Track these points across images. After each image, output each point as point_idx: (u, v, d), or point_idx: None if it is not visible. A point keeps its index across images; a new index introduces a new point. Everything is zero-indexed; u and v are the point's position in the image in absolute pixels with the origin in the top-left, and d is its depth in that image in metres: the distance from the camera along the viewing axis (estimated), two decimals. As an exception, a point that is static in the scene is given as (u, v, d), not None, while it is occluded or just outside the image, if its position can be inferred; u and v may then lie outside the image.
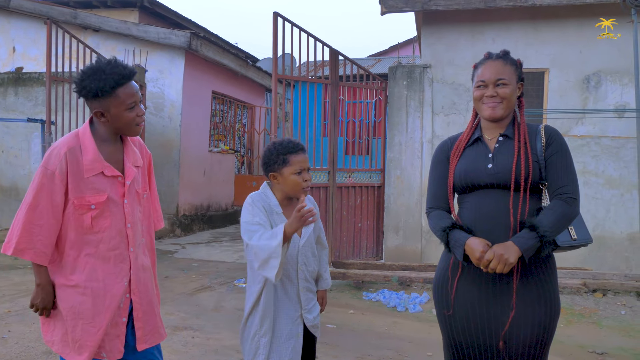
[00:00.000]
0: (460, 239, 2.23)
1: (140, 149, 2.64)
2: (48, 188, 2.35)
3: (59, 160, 2.35)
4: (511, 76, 2.32)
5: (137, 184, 2.55)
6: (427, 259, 7.26)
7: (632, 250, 6.58)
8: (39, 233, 2.35)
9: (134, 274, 2.50)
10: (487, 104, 2.33)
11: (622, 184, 6.67)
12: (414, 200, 7.33)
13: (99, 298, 2.41)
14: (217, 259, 8.57)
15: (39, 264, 2.39)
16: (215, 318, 5.39)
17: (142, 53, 10.03)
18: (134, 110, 2.41)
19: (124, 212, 2.47)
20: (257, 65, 13.99)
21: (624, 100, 6.67)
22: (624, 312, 5.64)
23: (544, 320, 2.23)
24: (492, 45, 7.06)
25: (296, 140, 2.66)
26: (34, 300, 2.43)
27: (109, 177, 2.43)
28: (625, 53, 6.56)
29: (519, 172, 2.23)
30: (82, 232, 2.40)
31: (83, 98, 2.42)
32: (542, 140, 2.29)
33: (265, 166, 2.66)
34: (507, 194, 2.25)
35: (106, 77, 2.33)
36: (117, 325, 2.46)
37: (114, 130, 2.45)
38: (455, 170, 2.36)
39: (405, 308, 5.99)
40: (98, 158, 2.40)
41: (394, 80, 7.43)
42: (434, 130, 7.29)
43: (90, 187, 2.38)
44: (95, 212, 2.39)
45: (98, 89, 2.33)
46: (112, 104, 2.36)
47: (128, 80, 2.38)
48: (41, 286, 2.41)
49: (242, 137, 14.07)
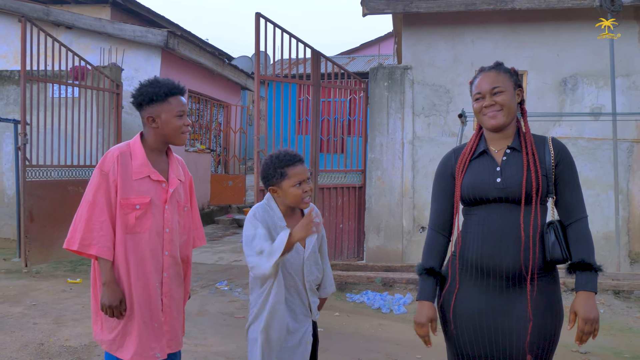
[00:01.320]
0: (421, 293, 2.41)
1: (183, 169, 2.85)
2: (104, 187, 2.57)
3: (113, 162, 2.59)
4: (506, 83, 2.33)
5: (178, 194, 2.75)
6: (408, 259, 7.32)
7: (607, 249, 6.73)
8: (100, 229, 2.55)
9: (166, 278, 2.68)
10: (487, 114, 2.33)
11: (598, 184, 6.82)
12: (395, 201, 7.37)
13: (141, 295, 2.60)
14: (196, 260, 8.48)
15: (105, 258, 2.56)
16: (200, 323, 5.34)
17: (117, 51, 9.85)
18: (182, 119, 2.65)
19: (164, 216, 2.67)
20: (232, 63, 13.88)
21: (599, 102, 6.81)
22: (603, 310, 5.77)
23: (552, 329, 2.26)
24: (472, 48, 7.14)
25: (293, 152, 2.66)
26: (102, 299, 2.57)
27: (154, 182, 2.65)
28: (601, 56, 6.70)
29: (530, 187, 2.24)
30: (126, 231, 2.59)
31: (137, 107, 2.66)
32: (551, 153, 2.31)
33: (264, 180, 2.65)
34: (515, 208, 2.26)
35: (161, 85, 2.62)
36: (162, 326, 2.66)
37: (162, 139, 2.67)
38: (462, 185, 2.36)
39: (390, 309, 6.03)
40: (146, 163, 2.64)
41: (374, 82, 7.45)
42: (415, 132, 7.34)
43: (136, 189, 2.60)
44: (139, 212, 2.59)
45: (154, 94, 2.60)
46: (163, 110, 2.62)
47: (180, 92, 2.67)
48: (107, 284, 2.56)
49: (218, 136, 13.96)
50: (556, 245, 2.24)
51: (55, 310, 5.61)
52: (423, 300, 2.40)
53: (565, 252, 2.25)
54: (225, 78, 13.07)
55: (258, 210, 2.62)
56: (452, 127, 7.16)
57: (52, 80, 7.98)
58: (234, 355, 4.47)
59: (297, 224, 2.66)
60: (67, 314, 5.46)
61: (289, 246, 2.43)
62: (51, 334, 4.89)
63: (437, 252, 2.45)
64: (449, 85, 7.23)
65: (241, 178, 13.63)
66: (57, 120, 7.92)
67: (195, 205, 2.93)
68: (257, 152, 6.64)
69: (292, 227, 2.61)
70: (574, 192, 2.31)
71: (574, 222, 2.29)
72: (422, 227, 7.28)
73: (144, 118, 2.65)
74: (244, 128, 14.33)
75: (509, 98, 2.32)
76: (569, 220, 2.30)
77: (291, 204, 2.63)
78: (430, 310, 2.38)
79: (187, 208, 2.82)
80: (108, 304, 2.55)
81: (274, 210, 2.63)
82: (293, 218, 2.67)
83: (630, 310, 5.77)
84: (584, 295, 2.21)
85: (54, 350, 4.53)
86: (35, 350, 4.52)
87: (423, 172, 7.30)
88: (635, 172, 6.78)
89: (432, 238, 2.48)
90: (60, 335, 4.86)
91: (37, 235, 7.35)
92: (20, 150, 7.24)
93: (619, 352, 4.76)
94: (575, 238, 2.27)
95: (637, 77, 6.75)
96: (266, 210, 2.63)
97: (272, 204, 2.65)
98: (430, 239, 2.48)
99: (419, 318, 2.38)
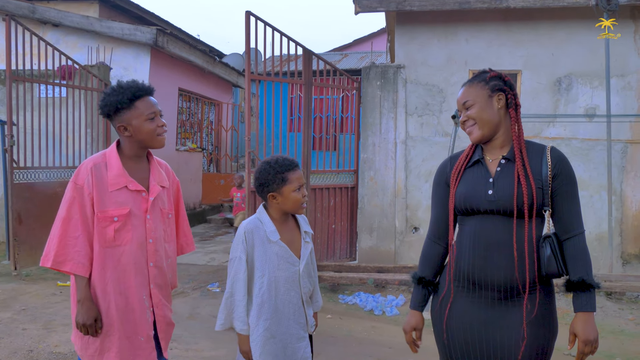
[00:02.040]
0: (411, 302, 2.44)
1: (167, 173, 2.74)
2: (79, 201, 2.47)
3: (87, 174, 2.49)
4: (476, 95, 2.27)
5: (161, 202, 2.64)
6: (401, 259, 7.27)
7: (600, 250, 6.71)
8: (74, 245, 2.46)
9: (153, 289, 2.59)
10: (467, 129, 2.32)
11: (592, 185, 6.79)
12: (388, 201, 7.32)
13: (121, 310, 2.51)
14: (187, 261, 8.40)
15: (80, 274, 2.47)
16: (192, 327, 5.27)
17: (105, 50, 9.72)
18: (154, 121, 2.53)
19: (146, 227, 2.56)
20: (223, 61, 13.77)
21: (594, 103, 6.78)
22: (595, 312, 5.74)
23: (545, 343, 2.23)
24: (466, 46, 7.08)
25: (290, 158, 2.62)
26: (77, 317, 2.48)
27: (133, 192, 2.54)
28: (596, 56, 6.66)
29: (521, 200, 2.18)
30: (106, 245, 2.50)
31: (107, 118, 2.56)
32: (549, 164, 2.24)
33: (262, 187, 2.58)
34: (508, 220, 2.21)
35: (125, 91, 2.50)
36: (150, 340, 2.58)
37: (138, 145, 2.56)
38: (456, 194, 2.31)
39: (382, 311, 5.99)
40: (122, 173, 2.53)
41: (367, 81, 7.38)
42: (408, 131, 7.28)
43: (114, 201, 2.50)
44: (117, 224, 2.49)
45: (118, 102, 2.48)
46: (132, 116, 2.50)
47: (145, 93, 2.54)
48: (81, 302, 2.47)
49: (210, 135, 13.85)
50: (552, 260, 2.20)
51: (45, 315, 5.53)
52: (411, 309, 2.44)
53: (561, 266, 2.20)
54: (216, 76, 12.96)
55: (248, 228, 2.57)
56: (446, 127, 7.11)
57: (39, 80, 7.86)
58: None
59: (291, 234, 2.61)
60: (56, 319, 5.38)
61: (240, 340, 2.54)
62: (40, 340, 4.81)
63: (431, 262, 2.44)
64: (443, 85, 7.17)
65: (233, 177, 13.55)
66: (44, 121, 7.80)
67: (182, 211, 2.84)
68: (248, 152, 6.57)
69: (286, 236, 2.60)
70: (572, 206, 2.25)
71: (571, 237, 2.24)
72: (415, 227, 7.24)
73: (115, 128, 2.56)
74: (235, 126, 14.22)
75: (479, 110, 2.26)
76: (566, 236, 2.24)
77: (290, 209, 2.59)
78: (416, 319, 2.42)
79: (171, 215, 2.72)
80: (82, 322, 2.46)
81: (265, 225, 2.57)
82: (287, 227, 2.63)
83: (622, 312, 5.74)
84: (584, 317, 2.17)
85: (42, 357, 4.46)
86: (24, 357, 4.45)
87: (416, 173, 7.24)
88: (628, 173, 6.76)
89: (428, 247, 2.46)
90: (49, 341, 4.78)
91: (26, 237, 7.24)
92: (7, 152, 7.12)
93: (611, 355, 4.73)
94: (573, 255, 2.22)
95: (632, 78, 6.72)
96: (257, 227, 2.57)
97: (264, 218, 2.59)
98: (426, 248, 2.47)
99: (405, 326, 2.44)
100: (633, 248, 6.78)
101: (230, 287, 2.54)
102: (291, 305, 2.57)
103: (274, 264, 2.53)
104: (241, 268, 2.51)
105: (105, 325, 2.50)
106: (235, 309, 2.52)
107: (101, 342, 2.51)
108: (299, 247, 2.63)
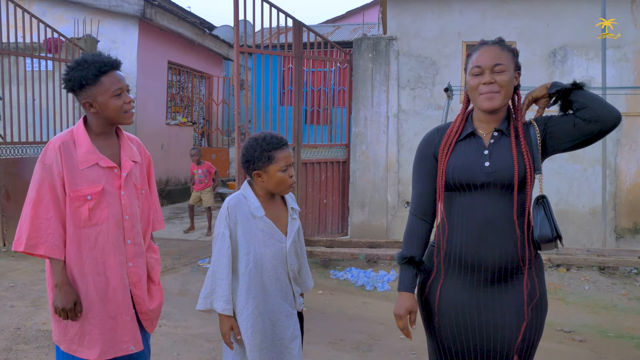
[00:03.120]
0: (400, 284, 2.26)
1: (138, 148, 2.63)
2: (49, 182, 2.37)
3: (55, 153, 2.38)
4: (509, 62, 2.12)
5: (135, 177, 2.54)
6: (393, 234, 7.22)
7: (593, 224, 6.68)
8: (47, 227, 2.36)
9: (132, 267, 2.50)
10: (484, 94, 2.12)
11: (586, 159, 6.72)
12: (380, 176, 7.24)
13: (102, 291, 2.42)
14: (178, 237, 8.35)
15: (54, 257, 2.38)
16: (181, 303, 5.22)
17: (92, 22, 9.51)
18: (120, 97, 2.41)
19: (121, 203, 2.46)
20: (213, 33, 13.54)
21: (589, 75, 6.67)
22: (588, 287, 5.73)
23: (539, 322, 2.16)
24: (459, 18, 6.95)
25: (279, 135, 2.50)
26: (55, 302, 2.39)
27: (105, 169, 2.44)
28: (592, 26, 6.51)
29: (522, 171, 2.09)
30: (81, 226, 2.40)
31: (72, 92, 2.44)
32: (536, 130, 2.15)
33: (248, 164, 2.48)
34: (503, 195, 2.11)
35: (89, 65, 2.36)
36: (133, 319, 2.50)
37: (105, 121, 2.45)
38: (446, 168, 2.18)
39: (374, 287, 5.96)
40: (92, 150, 2.42)
41: (359, 53, 7.24)
42: (400, 105, 7.17)
43: (85, 179, 2.40)
44: (91, 203, 2.39)
45: (82, 77, 2.36)
46: (98, 93, 2.38)
47: (111, 68, 2.41)
48: (58, 286, 2.38)
49: (200, 109, 13.69)
50: (545, 222, 2.10)
51: (33, 292, 5.48)
52: (402, 291, 2.24)
53: (555, 229, 2.10)
54: (206, 48, 12.75)
55: (231, 203, 2.48)
56: (438, 100, 7.00)
57: (25, 54, 7.71)
58: (215, 338, 4.36)
59: (277, 211, 2.53)
60: (44, 296, 5.32)
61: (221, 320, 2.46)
62: (28, 318, 4.77)
63: (417, 240, 2.27)
64: (435, 57, 7.05)
65: (224, 151, 13.42)
66: (31, 95, 7.66)
67: (153, 187, 2.75)
68: (238, 126, 6.46)
69: (271, 212, 2.51)
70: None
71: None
72: (407, 202, 7.17)
73: (80, 104, 2.43)
74: (226, 100, 14.04)
75: (509, 79, 2.11)
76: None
77: (274, 189, 2.49)
78: (409, 301, 2.22)
79: (145, 190, 2.62)
80: (61, 306, 2.37)
81: (249, 201, 2.48)
82: (273, 204, 2.54)
83: (615, 287, 5.73)
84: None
85: (30, 334, 4.42)
86: (11, 335, 4.40)
87: (408, 147, 7.15)
88: (623, 147, 6.69)
89: (412, 224, 2.30)
90: (37, 319, 4.73)
91: (14, 213, 7.14)
92: (-6, 126, 6.99)
93: (603, 330, 4.72)
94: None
95: (628, 49, 6.61)
96: (240, 202, 2.48)
97: (249, 193, 2.50)
98: (411, 226, 2.30)
99: (397, 310, 2.22)
100: (627, 222, 6.74)
101: (212, 264, 2.46)
102: (278, 283, 2.50)
103: (260, 240, 2.45)
104: (224, 244, 2.43)
105: (84, 308, 2.41)
106: (217, 287, 2.43)
107: (81, 326, 2.42)
108: (285, 223, 2.54)
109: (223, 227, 2.44)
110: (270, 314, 2.48)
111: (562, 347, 4.26)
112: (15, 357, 3.99)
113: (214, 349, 4.18)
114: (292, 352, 2.51)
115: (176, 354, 4.10)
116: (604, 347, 4.37)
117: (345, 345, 4.35)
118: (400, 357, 4.13)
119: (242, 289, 2.44)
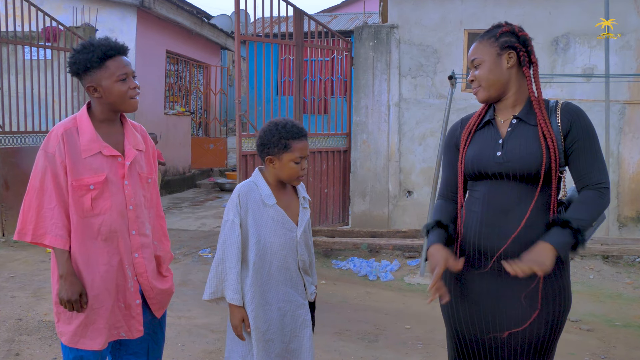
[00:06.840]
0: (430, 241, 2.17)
1: (143, 137, 2.56)
2: (51, 170, 2.33)
3: (57, 141, 2.33)
4: (485, 52, 2.10)
5: (139, 166, 2.48)
6: (394, 224, 7.20)
7: (596, 212, 6.66)
8: (52, 216, 2.32)
9: (138, 258, 2.45)
10: (472, 90, 2.18)
11: (588, 146, 6.69)
12: (381, 165, 7.21)
13: (106, 281, 2.38)
14: (178, 227, 8.31)
15: (59, 247, 2.33)
16: (183, 294, 5.19)
17: (91, 11, 9.44)
18: (125, 82, 2.35)
19: (125, 193, 2.40)
20: (212, 22, 13.45)
21: (592, 63, 6.64)
22: (592, 276, 5.72)
23: (557, 317, 2.10)
24: (461, 6, 6.90)
25: (299, 124, 2.45)
26: (60, 293, 2.34)
27: (108, 157, 2.38)
28: (594, 14, 6.47)
29: (537, 162, 2.03)
30: (83, 215, 2.35)
31: (76, 77, 2.39)
32: (558, 121, 2.07)
33: (263, 147, 2.43)
34: (517, 185, 2.07)
35: (95, 49, 2.32)
36: (131, 308, 2.44)
37: (109, 108, 2.40)
38: (465, 157, 2.17)
39: (377, 276, 5.94)
40: (95, 138, 2.36)
41: (359, 41, 7.19)
42: (401, 93, 7.13)
43: (88, 168, 2.34)
44: (94, 192, 2.34)
45: (87, 60, 2.31)
46: (102, 77, 2.33)
47: (117, 53, 2.36)
48: (64, 277, 2.33)
49: (198, 98, 13.62)
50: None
51: (34, 282, 5.45)
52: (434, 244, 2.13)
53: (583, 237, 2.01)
54: (204, 38, 12.67)
55: (242, 190, 2.44)
56: (440, 88, 6.96)
57: (23, 42, 7.65)
58: (219, 328, 4.34)
59: (288, 199, 2.50)
60: (46, 286, 5.29)
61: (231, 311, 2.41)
62: (30, 308, 4.74)
63: (445, 212, 2.24)
64: (437, 45, 7.00)
65: (222, 141, 13.37)
66: (29, 84, 7.60)
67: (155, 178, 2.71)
68: (239, 115, 6.41)
69: (283, 201, 2.47)
70: (591, 161, 2.04)
71: (586, 187, 2.04)
72: (409, 191, 7.15)
73: (85, 88, 2.37)
74: (224, 89, 13.97)
75: (486, 70, 2.09)
76: (581, 186, 2.05)
77: (284, 178, 2.45)
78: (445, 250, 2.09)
79: (150, 180, 2.56)
80: (67, 298, 2.31)
81: (260, 188, 2.44)
82: (284, 193, 2.50)
83: (619, 276, 5.72)
84: (542, 245, 1.94)
85: (32, 325, 4.39)
86: (13, 326, 4.36)
87: (409, 135, 7.13)
88: (626, 135, 6.67)
89: (440, 204, 2.29)
90: (39, 310, 4.70)
91: (13, 203, 7.09)
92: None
93: (610, 319, 4.71)
94: (578, 199, 2.04)
95: (631, 37, 6.58)
96: (251, 190, 2.44)
97: (260, 181, 2.46)
98: (439, 204, 2.30)
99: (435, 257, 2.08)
100: (630, 211, 6.74)
101: (221, 252, 2.40)
102: (288, 273, 2.46)
103: (270, 228, 2.41)
104: (234, 232, 2.38)
105: (90, 298, 2.37)
106: (227, 276, 2.38)
107: (86, 316, 2.37)
108: (296, 212, 2.51)
109: (233, 214, 2.40)
110: (279, 304, 2.44)
111: (570, 336, 4.24)
112: (17, 348, 3.96)
113: (219, 339, 4.16)
114: (301, 340, 2.47)
115: (181, 345, 4.08)
116: (611, 336, 4.36)
117: (351, 335, 4.34)
118: (407, 347, 4.12)
119: (250, 279, 2.41)
